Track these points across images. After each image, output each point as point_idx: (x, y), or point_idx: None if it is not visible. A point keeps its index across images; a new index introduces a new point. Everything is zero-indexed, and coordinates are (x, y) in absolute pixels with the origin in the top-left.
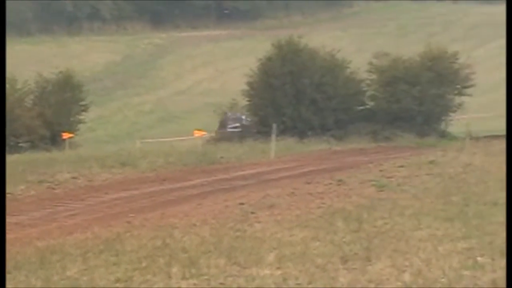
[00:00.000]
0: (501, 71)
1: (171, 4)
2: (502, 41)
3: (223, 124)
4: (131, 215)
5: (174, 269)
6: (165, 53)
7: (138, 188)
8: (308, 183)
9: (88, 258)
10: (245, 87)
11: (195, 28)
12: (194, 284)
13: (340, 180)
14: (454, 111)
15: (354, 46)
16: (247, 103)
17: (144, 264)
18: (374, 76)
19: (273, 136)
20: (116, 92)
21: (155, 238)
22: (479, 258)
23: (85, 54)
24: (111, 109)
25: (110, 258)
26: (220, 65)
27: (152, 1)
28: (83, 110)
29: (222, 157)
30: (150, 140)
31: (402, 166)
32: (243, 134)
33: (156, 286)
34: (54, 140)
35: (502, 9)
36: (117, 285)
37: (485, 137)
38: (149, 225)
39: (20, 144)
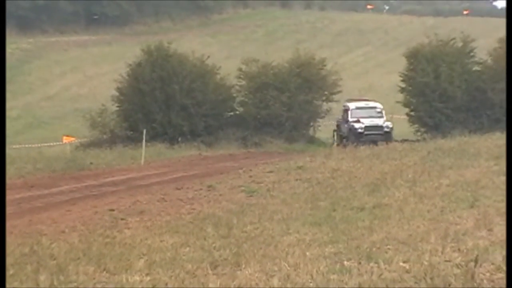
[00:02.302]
0: (366, 78)
1: (38, 8)
2: (366, 48)
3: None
4: None
5: (42, 277)
6: (33, 58)
7: None
8: (178, 189)
9: None
10: (115, 93)
11: (63, 33)
12: None
13: (210, 186)
14: (322, 117)
15: (224, 52)
16: (117, 108)
17: (11, 272)
18: (243, 82)
19: (143, 142)
20: None
21: (22, 245)
22: (346, 262)
23: None
24: None
25: None
26: (89, 71)
27: (18, 6)
28: None
29: (91, 163)
30: (17, 146)
31: (271, 172)
32: (113, 140)
33: None
34: None
35: (365, 16)
36: None
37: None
38: (17, 232)
39: None
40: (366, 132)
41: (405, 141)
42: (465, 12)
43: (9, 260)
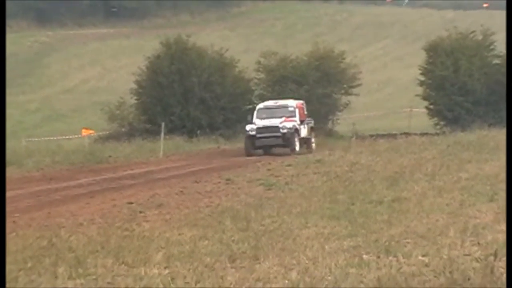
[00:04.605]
0: (385, 71)
1: (56, 1)
2: (385, 42)
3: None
4: (16, 214)
5: (61, 269)
6: (52, 51)
7: (23, 188)
8: (197, 182)
9: None
10: (133, 86)
11: (82, 26)
12: (81, 284)
13: (228, 179)
14: (341, 110)
15: (242, 46)
16: (135, 101)
17: (29, 264)
18: (262, 75)
19: (162, 135)
20: None
21: (41, 237)
22: (364, 256)
23: None
24: None
25: None
26: (108, 64)
27: None
28: None
29: (110, 156)
30: (36, 139)
31: (289, 165)
32: (131, 133)
33: (42, 287)
34: None
35: (385, 9)
36: None
37: (370, 136)
38: (35, 224)
39: None
40: (259, 135)
41: (424, 135)
42: (485, 5)
43: (27, 252)
